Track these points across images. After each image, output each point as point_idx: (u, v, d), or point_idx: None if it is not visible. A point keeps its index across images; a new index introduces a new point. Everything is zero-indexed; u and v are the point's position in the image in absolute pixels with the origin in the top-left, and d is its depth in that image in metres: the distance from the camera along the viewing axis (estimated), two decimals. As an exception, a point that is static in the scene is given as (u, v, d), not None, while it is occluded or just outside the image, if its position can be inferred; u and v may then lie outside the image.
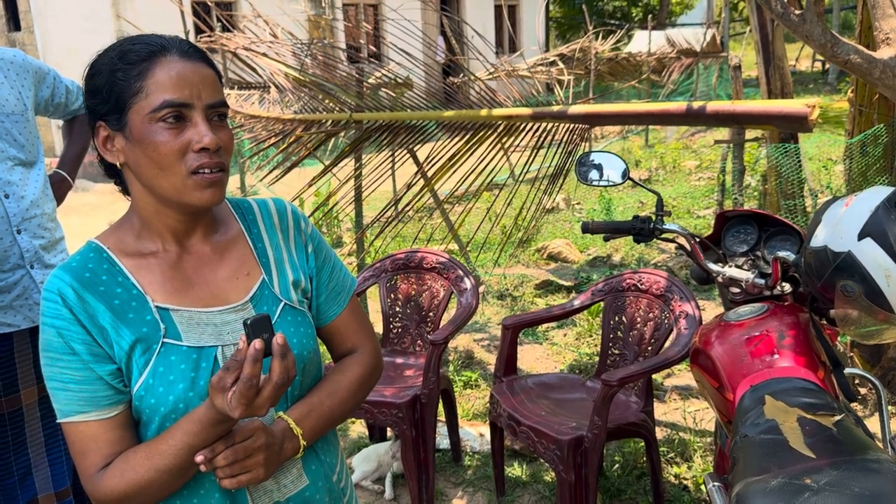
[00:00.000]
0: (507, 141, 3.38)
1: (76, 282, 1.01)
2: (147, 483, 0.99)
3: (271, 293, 1.11)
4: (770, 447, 1.43)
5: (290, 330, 1.11)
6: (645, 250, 5.52)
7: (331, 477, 1.17)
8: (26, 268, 1.99)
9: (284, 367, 0.92)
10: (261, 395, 0.91)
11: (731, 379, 1.73)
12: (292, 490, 1.11)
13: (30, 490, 2.11)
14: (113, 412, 1.02)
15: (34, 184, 2.03)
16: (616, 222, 2.15)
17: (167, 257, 1.07)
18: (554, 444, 2.28)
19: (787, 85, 3.75)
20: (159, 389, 1.01)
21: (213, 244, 1.11)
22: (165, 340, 1.02)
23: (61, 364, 1.00)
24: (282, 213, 1.19)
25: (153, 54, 0.99)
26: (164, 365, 1.01)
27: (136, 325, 1.02)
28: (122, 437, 1.02)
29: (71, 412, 1.01)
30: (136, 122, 0.99)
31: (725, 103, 2.75)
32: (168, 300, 1.05)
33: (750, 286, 1.95)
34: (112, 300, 1.02)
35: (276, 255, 1.15)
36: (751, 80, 18.18)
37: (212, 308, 1.07)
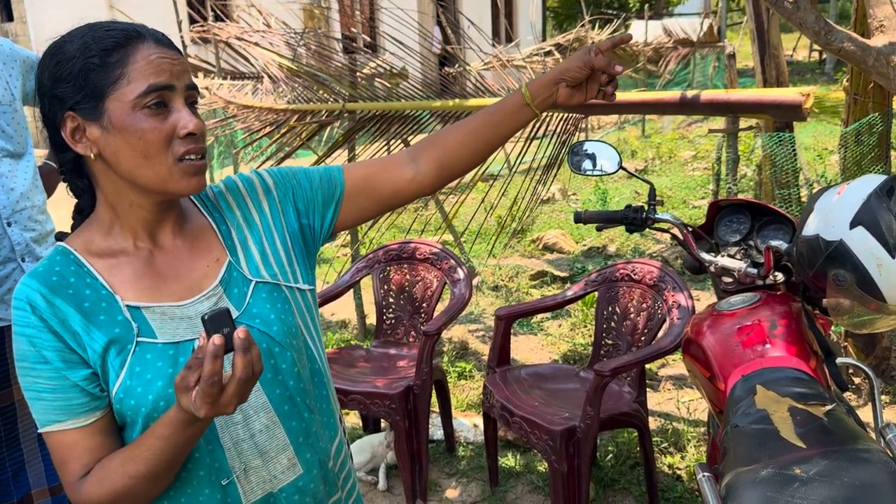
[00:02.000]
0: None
1: (44, 287, 0.98)
2: (125, 490, 0.97)
3: (240, 274, 1.08)
4: (760, 437, 1.42)
5: (266, 307, 1.07)
6: (640, 240, 5.51)
7: (326, 463, 1.14)
8: (17, 261, 1.97)
9: (248, 362, 0.87)
10: (225, 393, 0.87)
11: (723, 369, 1.72)
12: (285, 480, 1.08)
13: (23, 485, 2.10)
14: (90, 419, 0.99)
15: (23, 175, 2.00)
16: (608, 212, 2.14)
17: (139, 255, 1.04)
18: (546, 435, 2.27)
19: (783, 74, 3.73)
20: (138, 390, 0.98)
21: (182, 237, 1.08)
22: (139, 339, 1.00)
23: (34, 373, 0.98)
24: (232, 187, 1.15)
25: (130, 39, 0.96)
26: (141, 364, 0.99)
27: (107, 326, 0.99)
28: (102, 444, 1.00)
29: (48, 421, 0.99)
30: (116, 109, 0.96)
31: (720, 92, 2.73)
32: (139, 298, 1.02)
33: (742, 276, 1.94)
34: (82, 303, 0.99)
35: (239, 236, 1.11)
36: (747, 70, 18.14)
37: (184, 301, 1.04)
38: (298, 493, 1.10)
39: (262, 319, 1.06)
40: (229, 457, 1.04)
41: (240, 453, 1.05)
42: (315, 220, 1.18)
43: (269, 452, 1.07)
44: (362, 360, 2.93)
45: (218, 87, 4.63)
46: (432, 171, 1.19)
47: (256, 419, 1.05)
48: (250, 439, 1.05)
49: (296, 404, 1.09)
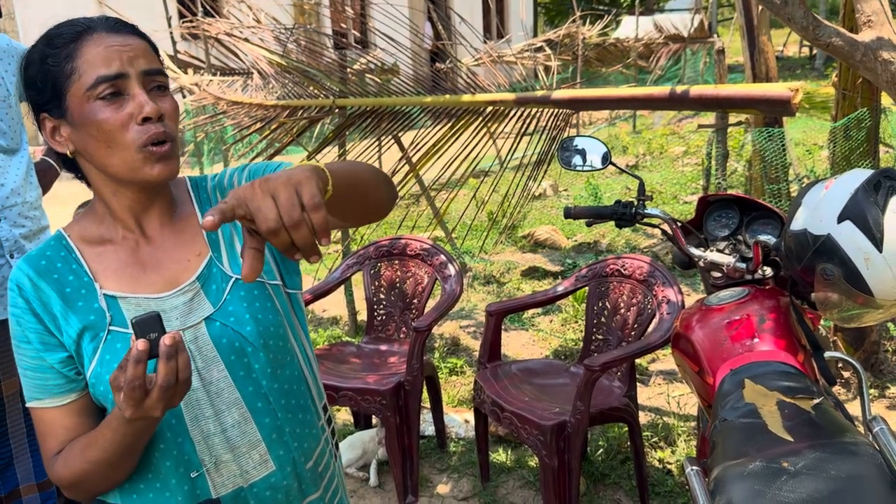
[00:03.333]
0: (493, 127, 3.36)
1: (32, 270, 1.03)
2: (85, 473, 1.01)
3: (220, 270, 1.08)
4: (749, 431, 1.43)
5: (243, 305, 1.06)
6: (631, 236, 5.52)
7: (302, 462, 1.13)
8: (6, 257, 1.96)
9: (170, 369, 0.87)
10: (150, 397, 0.88)
11: (711, 363, 1.73)
12: (256, 476, 1.08)
13: (11, 480, 2.09)
14: (65, 400, 1.03)
15: (15, 171, 2.00)
16: (598, 207, 2.15)
17: (125, 244, 1.06)
18: (537, 430, 2.28)
19: (772, 70, 3.74)
20: (106, 377, 1.00)
21: (170, 227, 1.08)
22: (111, 328, 1.01)
23: (20, 352, 1.03)
24: (220, 183, 1.15)
25: (80, 34, 0.98)
26: (111, 353, 1.01)
27: (84, 312, 1.02)
28: (78, 424, 1.04)
29: (30, 398, 1.04)
30: (74, 105, 0.98)
31: (709, 87, 2.74)
32: (119, 288, 1.04)
33: (731, 270, 1.95)
34: (64, 288, 1.02)
35: (224, 231, 1.10)
36: (738, 66, 18.17)
37: (161, 294, 1.05)
38: (270, 489, 1.10)
39: (236, 318, 1.06)
40: (199, 450, 1.05)
41: (210, 447, 1.05)
42: None
43: (240, 448, 1.07)
44: (353, 357, 2.93)
45: (207, 84, 4.61)
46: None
47: (228, 414, 1.06)
48: (222, 434, 1.06)
49: (269, 402, 1.09)
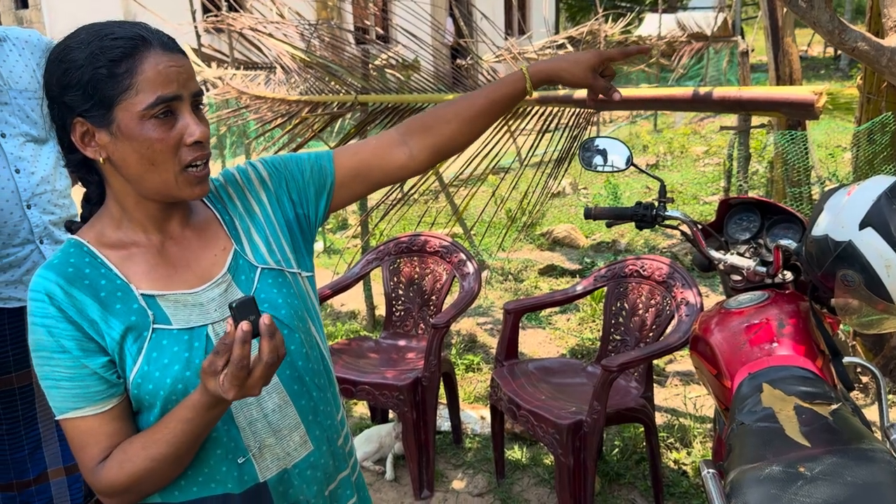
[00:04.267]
0: (513, 124, 3.37)
1: (61, 278, 1.01)
2: (146, 473, 1.00)
3: (246, 261, 1.12)
4: (766, 435, 1.43)
5: (273, 291, 1.11)
6: (651, 236, 5.50)
7: (335, 441, 1.19)
8: (36, 243, 2.02)
9: (273, 347, 0.92)
10: (252, 376, 0.91)
11: (730, 366, 1.73)
12: (298, 457, 1.12)
13: (40, 464, 2.15)
14: (107, 406, 1.02)
15: (46, 160, 2.05)
16: (618, 208, 2.16)
17: (150, 246, 1.07)
18: (553, 429, 2.29)
19: (796, 72, 3.71)
20: (155, 374, 1.01)
21: (191, 228, 1.12)
22: (155, 326, 1.03)
23: (53, 362, 1.01)
24: (233, 182, 1.18)
25: (137, 48, 0.97)
26: (157, 350, 1.02)
27: (124, 314, 1.02)
28: (119, 429, 1.03)
29: (66, 409, 1.02)
30: (125, 118, 0.98)
31: (732, 89, 2.73)
32: (153, 287, 1.05)
33: (751, 274, 1.95)
34: (98, 293, 1.02)
35: (242, 225, 1.15)
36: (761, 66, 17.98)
37: (196, 288, 1.07)
38: (311, 468, 1.14)
39: (270, 304, 1.10)
40: (244, 436, 1.08)
41: (254, 432, 1.08)
42: (309, 209, 1.21)
43: (282, 431, 1.10)
44: (371, 352, 2.95)
45: (231, 77, 4.65)
46: (426, 156, 1.23)
47: (269, 399, 1.09)
48: (264, 419, 1.09)
49: (304, 384, 1.14)
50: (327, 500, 1.18)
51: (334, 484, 1.19)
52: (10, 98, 1.98)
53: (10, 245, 1.99)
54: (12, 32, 2.05)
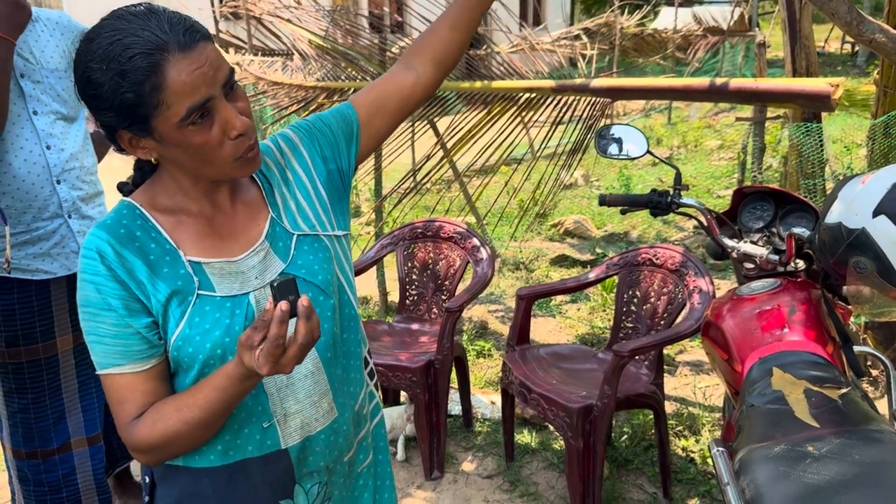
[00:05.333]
0: (528, 115, 3.39)
1: (113, 238, 1.04)
2: (176, 434, 1.03)
3: (282, 228, 1.15)
4: (775, 416, 1.46)
5: (310, 258, 1.14)
6: (662, 227, 5.51)
7: (351, 407, 1.22)
8: (64, 217, 2.09)
9: (309, 329, 0.94)
10: (286, 354, 0.94)
11: (741, 351, 1.76)
12: (322, 424, 1.16)
13: (63, 433, 2.21)
14: (147, 365, 1.06)
15: (74, 138, 2.12)
16: (633, 195, 2.18)
17: (201, 216, 1.10)
18: (564, 412, 2.32)
19: (813, 65, 3.70)
20: (196, 338, 1.05)
21: (241, 199, 1.15)
22: (200, 292, 1.06)
23: (98, 319, 1.04)
24: (269, 152, 1.21)
25: (157, 63, 0.94)
26: (200, 315, 1.05)
27: (170, 278, 1.05)
28: (156, 389, 1.07)
29: (107, 364, 1.05)
30: (164, 129, 0.99)
31: (748, 81, 2.74)
32: (200, 254, 1.08)
33: (764, 262, 1.97)
34: (147, 255, 1.05)
35: (279, 192, 1.18)
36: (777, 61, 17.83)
37: (238, 256, 1.11)
38: (333, 434, 1.18)
39: (307, 269, 1.13)
40: (272, 402, 1.11)
41: (282, 399, 1.12)
42: (342, 160, 1.25)
43: (312, 397, 1.14)
44: (385, 335, 2.99)
45: (249, 63, 4.68)
46: (430, 70, 1.28)
47: (302, 366, 1.12)
48: (294, 384, 1.13)
49: (336, 351, 1.18)
50: (345, 466, 1.22)
51: (352, 451, 1.23)
52: (42, 77, 2.03)
53: (40, 219, 2.05)
54: (43, 14, 2.11)
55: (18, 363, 2.14)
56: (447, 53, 1.28)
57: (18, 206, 2.02)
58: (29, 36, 2.04)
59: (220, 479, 1.11)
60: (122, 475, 2.61)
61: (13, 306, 2.09)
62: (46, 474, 2.22)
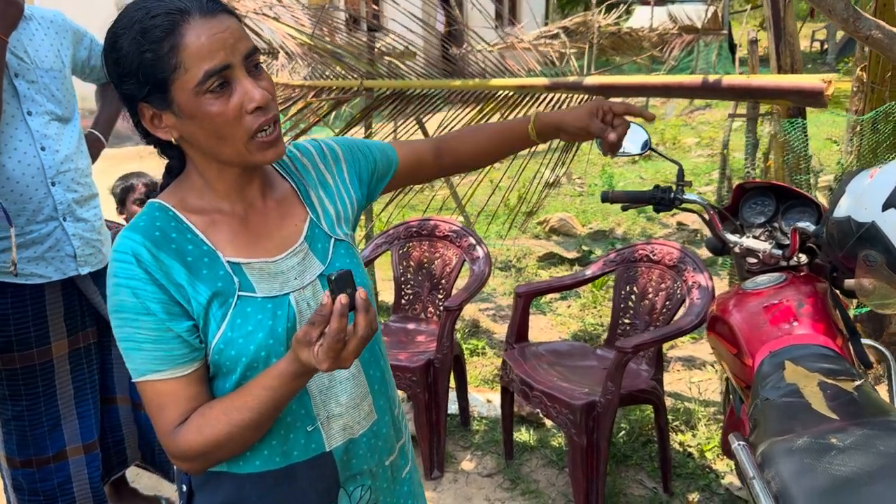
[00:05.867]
0: (520, 113, 3.39)
1: (148, 241, 1.01)
2: (225, 438, 1.00)
3: (321, 231, 1.14)
4: (792, 409, 1.47)
5: (347, 261, 1.14)
6: (648, 225, 5.56)
7: (391, 411, 1.21)
8: (59, 220, 2.04)
9: (368, 321, 0.93)
10: (346, 349, 0.92)
11: (750, 345, 1.77)
12: (364, 427, 1.14)
13: (58, 441, 2.16)
14: (189, 369, 1.02)
15: (69, 139, 2.07)
16: (636, 192, 2.18)
17: (233, 215, 1.08)
18: (567, 409, 2.32)
19: (797, 62, 3.75)
20: (239, 341, 1.02)
21: (273, 198, 1.13)
22: (240, 293, 1.03)
23: (136, 324, 1.00)
24: (306, 152, 1.21)
25: (177, 23, 0.94)
26: (242, 317, 1.03)
27: (210, 280, 1.03)
28: (199, 393, 1.04)
29: (147, 371, 1.01)
30: (182, 98, 0.96)
31: (741, 77, 2.76)
32: (238, 254, 1.06)
33: (767, 257, 1.99)
34: (185, 257, 1.02)
35: (316, 195, 1.17)
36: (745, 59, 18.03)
37: (277, 257, 1.09)
38: (374, 437, 1.17)
39: None
40: (314, 404, 1.10)
41: (325, 401, 1.10)
42: (372, 190, 1.28)
43: (353, 399, 1.13)
44: (382, 335, 2.97)
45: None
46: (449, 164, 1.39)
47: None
48: (336, 387, 1.11)
49: (374, 353, 1.17)
50: (388, 470, 1.20)
51: (394, 455, 1.22)
52: (36, 76, 1.99)
53: (34, 222, 2.00)
54: (37, 12, 2.06)
55: (12, 369, 2.09)
56: (466, 163, 1.40)
57: (12, 208, 1.98)
58: (23, 34, 1.99)
59: (265, 485, 1.09)
60: (118, 482, 2.56)
61: (7, 311, 2.04)
62: (41, 483, 2.17)
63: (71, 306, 2.14)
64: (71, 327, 2.16)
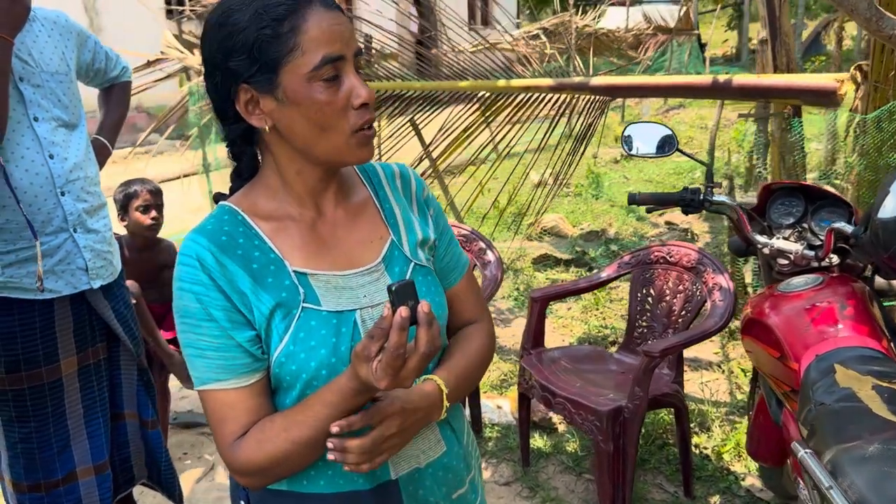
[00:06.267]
0: (523, 113, 3.36)
1: (214, 245, 0.96)
2: (284, 455, 0.95)
3: (401, 253, 1.08)
4: (852, 414, 1.44)
5: (423, 288, 1.07)
6: (638, 224, 5.56)
7: (462, 441, 1.14)
8: (70, 231, 1.93)
9: (431, 337, 0.86)
10: (406, 366, 0.86)
11: (794, 349, 1.74)
12: (432, 457, 1.08)
13: (68, 463, 2.05)
14: (251, 380, 0.98)
15: (76, 146, 1.97)
16: (664, 194, 2.15)
17: (303, 221, 1.03)
18: (593, 415, 2.28)
19: (792, 61, 3.78)
20: (301, 356, 0.97)
21: (345, 207, 1.07)
22: (305, 305, 0.98)
23: (199, 331, 0.96)
24: (405, 177, 1.15)
25: (299, 5, 0.92)
26: (305, 330, 0.97)
27: (275, 289, 0.97)
28: (260, 406, 0.98)
29: (208, 379, 0.97)
30: (291, 82, 0.93)
31: (752, 77, 2.76)
32: (306, 264, 1.01)
33: (799, 258, 1.97)
34: (251, 264, 0.97)
35: (403, 216, 1.11)
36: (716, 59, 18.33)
37: (347, 271, 1.03)
38: (442, 469, 1.10)
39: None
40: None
41: None
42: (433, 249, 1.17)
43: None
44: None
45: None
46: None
47: None
48: None
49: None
50: None
51: (463, 488, 1.15)
52: (42, 80, 1.89)
53: (43, 234, 1.90)
54: (40, 12, 1.96)
55: (20, 389, 1.98)
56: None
57: (20, 219, 1.87)
58: (27, 36, 1.89)
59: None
60: (124, 501, 2.46)
61: (14, 329, 1.93)
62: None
63: (80, 321, 2.04)
64: (80, 343, 2.05)
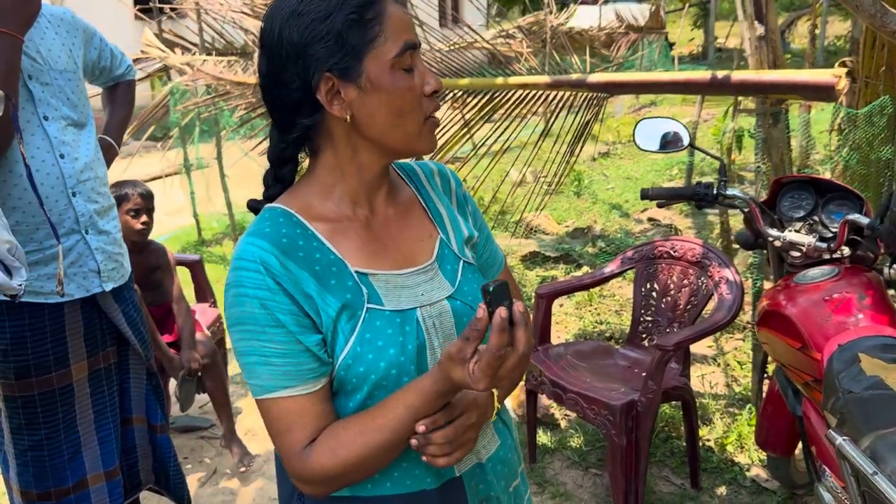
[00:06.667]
0: (521, 110, 3.36)
1: (276, 248, 0.94)
2: (361, 460, 0.94)
3: (451, 251, 1.08)
4: (884, 401, 1.47)
5: (474, 285, 1.07)
6: (624, 222, 5.61)
7: (513, 434, 1.16)
8: (81, 233, 1.88)
9: (528, 337, 0.87)
10: (504, 367, 0.86)
11: (815, 339, 1.77)
12: (489, 452, 1.08)
13: (79, 470, 2.00)
14: (318, 385, 0.96)
15: (86, 145, 1.92)
16: (678, 188, 2.17)
17: (358, 221, 1.02)
18: (606, 410, 2.30)
19: (779, 58, 3.84)
20: (368, 356, 0.95)
21: (394, 206, 1.07)
22: (369, 306, 0.97)
23: (264, 337, 0.93)
24: (444, 175, 1.16)
25: None
26: (371, 331, 0.96)
27: (339, 291, 0.96)
28: (327, 411, 0.97)
29: (274, 387, 0.94)
30: (375, 69, 0.93)
31: (751, 73, 2.80)
32: (366, 264, 1.00)
33: (811, 250, 2.00)
34: (313, 266, 0.96)
35: (448, 214, 1.12)
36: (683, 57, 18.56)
37: (405, 270, 1.02)
38: (500, 463, 1.10)
39: (473, 297, 1.06)
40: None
41: None
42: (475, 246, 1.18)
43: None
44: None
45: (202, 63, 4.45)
46: None
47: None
48: None
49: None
50: (511, 497, 1.14)
51: (517, 480, 1.16)
52: (50, 78, 1.84)
53: (54, 235, 1.84)
54: (46, 9, 1.90)
55: (30, 396, 1.92)
56: None
57: (31, 221, 1.82)
58: (34, 33, 1.83)
59: None
60: (131, 508, 2.40)
61: (24, 334, 1.88)
62: (60, 517, 2.01)
63: (91, 325, 1.99)
64: (91, 348, 2.00)
